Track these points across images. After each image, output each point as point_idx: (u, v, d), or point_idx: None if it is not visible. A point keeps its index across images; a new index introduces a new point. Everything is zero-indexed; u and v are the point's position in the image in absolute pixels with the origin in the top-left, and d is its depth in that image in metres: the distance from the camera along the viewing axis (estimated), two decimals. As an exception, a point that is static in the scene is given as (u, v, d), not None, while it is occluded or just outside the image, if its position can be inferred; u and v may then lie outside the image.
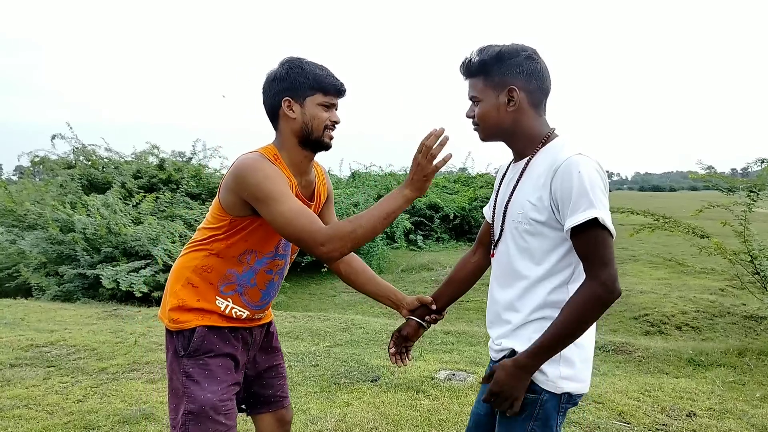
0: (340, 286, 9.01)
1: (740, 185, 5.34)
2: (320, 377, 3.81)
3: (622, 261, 10.75)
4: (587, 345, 1.44)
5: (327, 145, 1.70)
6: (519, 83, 1.44)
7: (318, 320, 5.66)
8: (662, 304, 6.75)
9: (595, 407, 3.29)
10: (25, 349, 4.37)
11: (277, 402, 1.91)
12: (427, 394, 3.50)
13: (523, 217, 1.42)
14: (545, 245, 1.41)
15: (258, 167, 1.58)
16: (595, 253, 1.32)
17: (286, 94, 1.65)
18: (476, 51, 1.48)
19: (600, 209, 1.31)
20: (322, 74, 1.65)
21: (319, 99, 1.65)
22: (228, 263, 1.68)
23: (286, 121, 1.67)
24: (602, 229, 1.32)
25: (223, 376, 1.69)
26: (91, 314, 5.99)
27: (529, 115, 1.46)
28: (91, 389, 3.55)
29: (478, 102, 1.49)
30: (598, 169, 1.35)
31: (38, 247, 8.00)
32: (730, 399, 3.54)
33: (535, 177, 1.42)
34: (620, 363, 4.49)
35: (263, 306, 1.78)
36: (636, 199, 34.19)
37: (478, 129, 1.53)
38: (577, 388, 1.43)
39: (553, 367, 1.38)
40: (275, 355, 1.93)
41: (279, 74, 1.66)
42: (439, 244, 13.30)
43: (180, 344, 1.68)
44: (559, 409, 1.41)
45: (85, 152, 10.70)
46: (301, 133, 1.66)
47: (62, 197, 9.23)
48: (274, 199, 1.53)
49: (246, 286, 1.71)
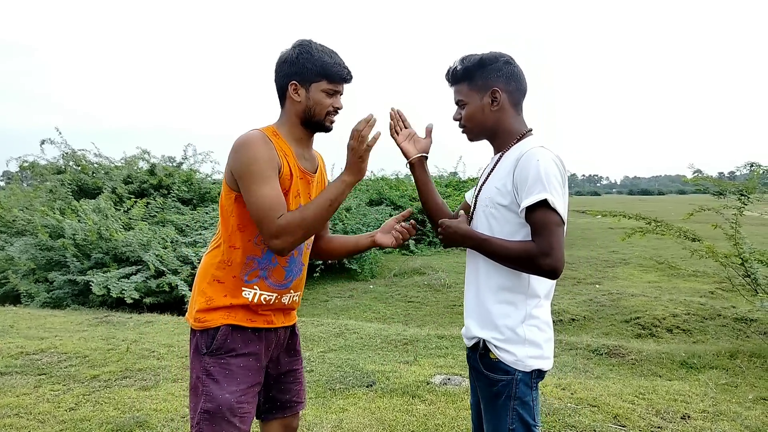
0: (333, 291, 8.99)
1: (730, 188, 5.40)
2: (315, 383, 3.79)
3: (613, 264, 10.82)
4: (546, 328, 1.60)
5: (328, 128, 1.77)
6: (500, 85, 1.62)
7: (311, 325, 5.63)
8: (653, 307, 6.79)
9: (590, 410, 3.30)
10: (15, 357, 4.31)
11: (292, 407, 1.90)
12: (422, 398, 3.49)
13: (490, 201, 1.59)
14: (507, 228, 1.56)
15: (250, 145, 1.63)
16: (543, 231, 1.46)
17: (294, 78, 1.70)
18: (459, 60, 1.66)
19: (552, 193, 1.46)
20: (330, 62, 1.70)
21: (324, 86, 1.70)
22: (246, 250, 1.70)
23: (291, 102, 1.73)
24: (552, 211, 1.46)
25: (243, 377, 1.69)
26: (82, 321, 5.93)
27: (510, 113, 1.64)
28: (83, 397, 3.51)
29: (464, 105, 1.67)
30: (556, 161, 1.51)
31: (27, 254, 7.92)
32: (723, 401, 3.57)
33: (504, 166, 1.59)
34: (614, 366, 4.51)
35: (289, 284, 1.79)
36: (625, 203, 34.47)
37: (466, 130, 1.71)
38: (545, 365, 1.59)
39: (520, 348, 1.54)
40: (296, 359, 1.92)
41: (289, 57, 1.71)
42: (431, 248, 13.31)
43: (203, 342, 1.69)
44: (531, 386, 1.57)
45: (74, 157, 10.63)
46: (304, 116, 1.73)
47: (52, 203, 9.15)
48: (254, 180, 1.60)
49: (269, 268, 1.73)
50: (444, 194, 15.63)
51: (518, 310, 1.56)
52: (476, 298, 1.64)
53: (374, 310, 7.77)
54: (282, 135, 1.73)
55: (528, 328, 1.55)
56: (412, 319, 7.23)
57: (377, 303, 8.18)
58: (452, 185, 16.66)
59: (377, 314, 7.57)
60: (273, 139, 1.69)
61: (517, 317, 1.56)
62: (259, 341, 1.75)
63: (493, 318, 1.57)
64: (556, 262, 1.45)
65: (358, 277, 9.90)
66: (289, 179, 1.69)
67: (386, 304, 8.09)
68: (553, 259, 1.44)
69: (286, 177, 1.68)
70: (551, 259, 1.44)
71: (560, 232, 1.47)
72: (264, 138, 1.67)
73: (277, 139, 1.71)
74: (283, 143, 1.72)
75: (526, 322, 1.55)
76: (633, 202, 38.09)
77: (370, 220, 10.71)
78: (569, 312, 6.88)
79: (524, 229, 1.53)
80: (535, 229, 1.48)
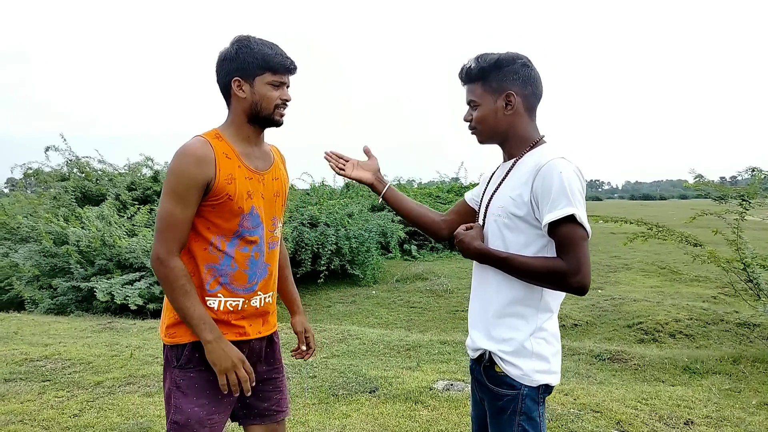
0: (335, 296, 9.00)
1: (731, 193, 5.40)
2: (318, 389, 3.80)
3: (615, 269, 10.82)
4: (554, 341, 1.55)
5: (278, 122, 1.73)
6: (516, 89, 1.55)
7: (314, 331, 5.64)
8: (656, 312, 6.79)
9: (593, 416, 3.31)
10: (19, 364, 4.33)
11: (271, 416, 1.87)
12: (425, 404, 3.50)
13: (503, 211, 1.52)
14: (521, 240, 1.50)
15: (181, 158, 1.61)
16: (570, 247, 1.41)
17: (236, 75, 1.66)
18: (474, 58, 1.59)
19: (578, 208, 1.41)
20: (270, 53, 1.65)
21: (269, 78, 1.66)
22: (203, 259, 1.67)
23: (237, 100, 1.69)
24: (579, 226, 1.41)
25: (212, 390, 1.68)
26: (86, 327, 5.95)
27: (524, 119, 1.57)
28: (87, 403, 3.53)
29: (476, 106, 1.59)
30: (577, 173, 1.46)
31: (31, 260, 7.95)
32: (726, 406, 3.57)
33: (519, 176, 1.52)
34: (616, 371, 4.51)
35: (255, 287, 1.75)
36: (627, 208, 34.43)
37: (476, 132, 1.63)
38: (552, 380, 1.53)
39: (527, 362, 1.49)
40: (275, 367, 1.89)
41: (229, 54, 1.67)
42: (433, 253, 13.32)
43: (173, 355, 1.69)
44: (538, 401, 1.52)
45: (78, 164, 10.67)
46: (251, 112, 1.69)
47: (56, 210, 9.19)
48: (168, 193, 1.61)
49: (229, 273, 1.69)
50: (446, 200, 15.66)
51: (528, 323, 1.51)
52: (483, 309, 1.58)
53: (377, 316, 7.78)
54: (226, 137, 1.69)
55: (536, 341, 1.50)
56: (415, 325, 7.24)
57: (380, 309, 8.19)
58: (454, 191, 16.68)
59: (380, 320, 7.57)
60: (214, 142, 1.66)
61: (527, 330, 1.51)
62: None
63: (500, 331, 1.52)
64: (584, 279, 1.40)
65: (361, 282, 9.92)
66: (229, 183, 1.65)
67: (389, 310, 8.10)
68: (582, 275, 1.40)
69: (224, 183, 1.64)
70: (580, 276, 1.40)
71: (586, 246, 1.42)
72: (200, 149, 1.63)
73: (219, 141, 1.67)
74: (225, 145, 1.67)
75: (534, 335, 1.50)
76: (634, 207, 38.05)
77: (372, 226, 10.72)
78: (571, 317, 6.88)
79: (540, 239, 1.48)
80: (561, 245, 1.43)
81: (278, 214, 1.83)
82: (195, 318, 1.61)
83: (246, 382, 1.65)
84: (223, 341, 1.63)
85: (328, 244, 9.36)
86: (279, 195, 1.82)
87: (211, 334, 1.62)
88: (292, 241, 9.07)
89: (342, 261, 9.76)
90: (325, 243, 9.38)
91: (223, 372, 1.62)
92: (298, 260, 9.24)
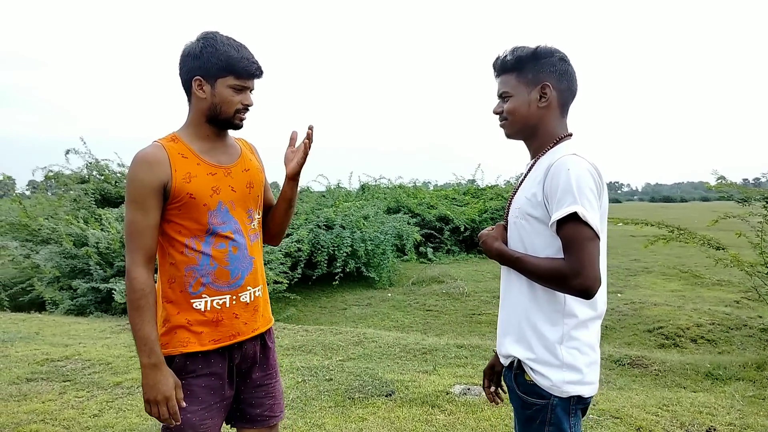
0: (351, 299, 9.00)
1: (755, 195, 5.30)
2: (334, 392, 3.79)
3: (635, 273, 10.67)
4: (589, 351, 1.47)
5: (237, 125, 1.69)
6: (552, 81, 1.51)
7: (330, 334, 5.65)
8: (677, 316, 6.68)
9: (612, 422, 3.26)
10: (40, 364, 4.40)
11: (263, 422, 1.84)
12: (442, 409, 3.47)
13: (520, 212, 1.49)
14: (539, 241, 1.46)
15: (134, 166, 1.61)
16: (573, 248, 1.37)
17: (197, 73, 1.62)
18: (510, 50, 1.55)
19: (584, 205, 1.35)
20: (235, 56, 1.60)
21: (231, 81, 1.62)
22: (183, 262, 1.65)
23: (196, 99, 1.65)
24: (584, 225, 1.36)
25: (204, 396, 1.67)
26: (105, 328, 6.02)
27: (555, 114, 1.53)
28: (106, 404, 3.56)
29: (508, 98, 1.55)
30: (590, 169, 1.40)
31: (52, 261, 8.07)
32: (750, 414, 3.49)
33: (535, 175, 1.49)
34: (636, 377, 4.44)
35: (241, 281, 1.71)
36: (647, 210, 33.97)
37: (506, 124, 1.58)
38: (585, 391, 1.46)
39: (557, 373, 1.43)
40: (269, 373, 1.85)
41: (193, 50, 1.63)
42: (449, 256, 13.27)
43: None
44: (570, 412, 1.45)
45: (98, 167, 10.83)
46: (210, 114, 1.65)
47: (76, 212, 9.32)
48: (128, 201, 1.61)
49: (210, 272, 1.66)
50: (462, 202, 15.59)
51: (554, 328, 1.45)
52: (510, 314, 1.54)
53: (392, 319, 7.76)
54: (182, 138, 1.67)
55: (567, 350, 1.43)
56: (431, 328, 7.21)
57: (395, 311, 8.17)
58: (470, 193, 16.62)
59: (395, 323, 7.55)
60: (169, 145, 1.63)
61: (553, 336, 1.44)
62: (222, 360, 1.71)
63: (527, 336, 1.47)
64: (587, 281, 1.34)
65: (376, 285, 9.91)
66: (188, 182, 1.62)
67: (404, 313, 8.07)
68: (584, 278, 1.34)
69: (182, 183, 1.61)
70: (582, 279, 1.34)
71: (593, 247, 1.36)
72: (152, 153, 1.61)
73: (176, 143, 1.65)
74: (181, 146, 1.65)
75: (565, 343, 1.43)
76: (655, 210, 37.53)
77: (388, 228, 10.71)
78: (590, 321, 6.79)
79: (558, 241, 1.43)
80: (565, 245, 1.38)
81: (253, 205, 1.78)
82: (138, 337, 1.58)
83: (167, 420, 1.60)
84: (159, 370, 1.58)
85: (344, 246, 9.37)
86: (252, 186, 1.76)
87: (147, 359, 1.57)
88: (308, 243, 9.09)
89: (357, 263, 9.77)
90: (340, 245, 9.39)
91: (147, 402, 1.59)
92: (314, 262, 9.27)
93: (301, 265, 8.90)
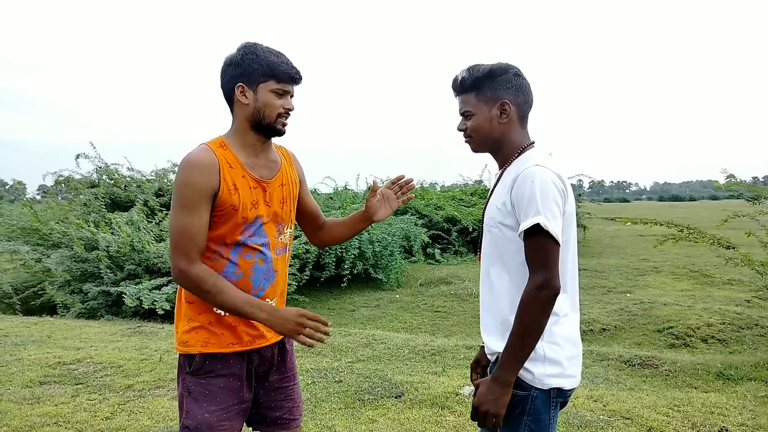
0: (359, 300, 9.02)
1: (765, 194, 5.26)
2: (344, 393, 3.80)
3: (644, 273, 10.61)
4: (568, 345, 1.53)
5: (280, 131, 1.72)
6: (510, 97, 1.59)
7: (339, 335, 5.66)
8: (687, 316, 6.63)
9: (623, 423, 3.24)
10: (53, 367, 4.44)
11: (284, 425, 1.87)
12: (452, 410, 3.48)
13: (493, 221, 1.56)
14: (511, 247, 1.51)
15: (185, 168, 1.62)
16: (534, 256, 1.43)
17: (240, 80, 1.66)
18: (466, 69, 1.63)
19: (546, 216, 1.41)
20: (276, 61, 1.65)
21: (273, 86, 1.66)
22: (209, 266, 1.67)
23: (239, 106, 1.69)
24: (545, 235, 1.42)
25: (223, 396, 1.69)
26: (116, 331, 6.07)
27: (516, 127, 1.61)
28: (118, 406, 3.60)
29: (470, 116, 1.62)
30: (553, 179, 1.45)
31: (63, 265, 8.13)
32: (762, 414, 3.47)
33: (504, 184, 1.55)
34: (647, 377, 4.42)
35: (260, 293, 1.74)
36: (656, 210, 33.79)
37: (471, 141, 1.67)
38: (566, 383, 1.51)
39: (538, 366, 1.48)
40: (287, 375, 1.88)
41: (234, 59, 1.67)
42: (457, 257, 13.26)
43: (185, 361, 1.72)
44: (550, 404, 1.51)
45: (108, 171, 10.91)
46: (253, 119, 1.68)
47: (86, 216, 9.39)
48: (178, 204, 1.61)
49: (233, 280, 1.68)
50: (469, 203, 15.58)
51: None
52: (492, 311, 1.59)
53: (401, 320, 7.76)
54: (230, 145, 1.69)
55: (547, 345, 1.49)
56: (440, 329, 7.20)
57: (404, 313, 8.17)
58: (478, 194, 16.59)
59: (404, 324, 7.56)
60: (219, 152, 1.66)
61: None
62: (241, 361, 1.74)
63: (507, 331, 1.50)
64: (554, 289, 1.41)
65: (385, 286, 9.91)
66: (233, 193, 1.65)
67: (413, 314, 8.08)
68: (551, 288, 1.40)
69: (229, 193, 1.64)
70: (549, 290, 1.40)
71: (555, 254, 1.43)
72: (204, 158, 1.63)
73: (224, 150, 1.67)
74: (229, 155, 1.67)
75: (545, 339, 1.48)
76: (664, 209, 37.31)
77: (395, 230, 10.71)
78: (600, 321, 6.76)
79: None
80: (527, 255, 1.45)
81: (285, 220, 1.81)
82: (241, 307, 1.61)
83: (317, 330, 1.63)
84: (276, 311, 1.64)
85: (352, 248, 9.39)
86: (286, 201, 1.80)
87: (263, 313, 1.62)
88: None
89: (365, 265, 9.78)
90: (348, 247, 9.41)
91: (290, 335, 1.63)
92: (322, 264, 9.28)
93: (309, 267, 8.92)
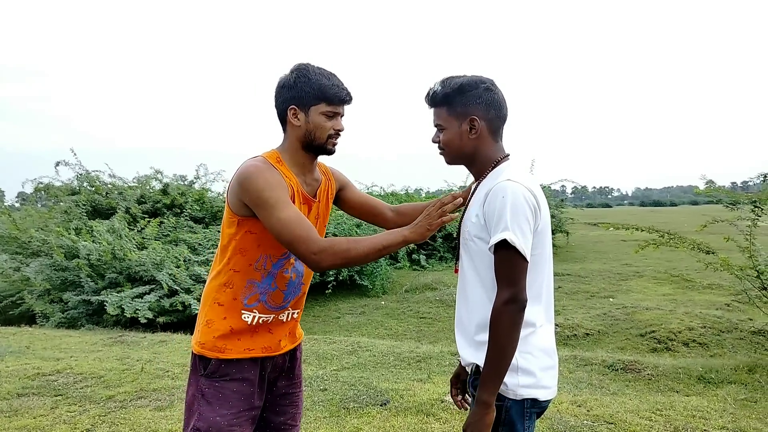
0: (344, 307, 8.98)
1: (743, 199, 5.35)
2: (329, 402, 3.78)
3: (626, 277, 10.73)
4: (543, 355, 1.53)
5: (330, 151, 1.78)
6: (479, 113, 1.58)
7: (324, 343, 5.64)
8: (668, 320, 6.71)
9: (607, 428, 3.27)
10: (31, 378, 4.35)
11: (285, 430, 1.91)
12: (437, 417, 3.47)
13: (469, 234, 1.56)
14: (486, 261, 1.51)
15: (259, 174, 1.63)
16: (501, 271, 1.45)
17: (292, 103, 1.71)
18: (439, 82, 1.63)
19: (514, 232, 1.42)
20: (327, 84, 1.70)
21: (323, 108, 1.71)
22: (246, 274, 1.72)
23: (291, 127, 1.74)
24: (513, 251, 1.43)
25: (235, 401, 1.71)
26: (97, 341, 5.97)
27: (488, 141, 1.61)
28: (99, 418, 3.53)
29: (442, 129, 1.64)
30: (525, 194, 1.46)
31: (42, 274, 8.01)
32: (743, 417, 3.52)
33: (478, 198, 1.56)
34: (630, 382, 4.46)
35: (287, 305, 1.81)
36: (637, 215, 34.19)
37: (444, 153, 1.68)
38: (540, 394, 1.51)
39: (511, 377, 1.47)
40: (295, 382, 1.93)
41: (287, 82, 1.73)
42: (442, 263, 13.27)
43: (200, 363, 1.74)
44: (524, 414, 1.50)
45: (89, 178, 10.77)
46: (305, 140, 1.74)
47: (66, 223, 9.26)
48: (272, 206, 1.59)
49: (268, 292, 1.74)
50: (454, 209, 15.62)
51: None
52: (467, 322, 1.60)
53: (386, 327, 7.75)
54: (285, 161, 1.75)
55: (521, 355, 1.48)
56: (425, 336, 7.20)
57: (389, 319, 8.16)
58: (462, 200, 16.65)
59: (389, 331, 7.55)
60: (277, 166, 1.71)
61: None
62: (255, 367, 1.77)
63: (481, 344, 1.51)
64: (521, 303, 1.42)
65: (370, 293, 9.90)
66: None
67: (398, 321, 8.07)
68: (518, 302, 1.42)
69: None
70: (516, 304, 1.42)
71: (522, 269, 1.43)
72: (269, 165, 1.69)
73: (281, 166, 1.72)
74: (286, 170, 1.73)
75: (519, 349, 1.47)
76: (645, 214, 37.79)
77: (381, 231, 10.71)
78: (583, 326, 6.82)
79: None
80: (496, 269, 1.46)
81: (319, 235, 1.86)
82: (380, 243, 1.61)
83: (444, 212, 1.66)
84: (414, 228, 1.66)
85: (337, 255, 9.35)
86: (319, 217, 1.86)
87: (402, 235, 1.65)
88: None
89: (350, 271, 9.76)
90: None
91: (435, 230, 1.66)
92: (307, 271, 9.25)
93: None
